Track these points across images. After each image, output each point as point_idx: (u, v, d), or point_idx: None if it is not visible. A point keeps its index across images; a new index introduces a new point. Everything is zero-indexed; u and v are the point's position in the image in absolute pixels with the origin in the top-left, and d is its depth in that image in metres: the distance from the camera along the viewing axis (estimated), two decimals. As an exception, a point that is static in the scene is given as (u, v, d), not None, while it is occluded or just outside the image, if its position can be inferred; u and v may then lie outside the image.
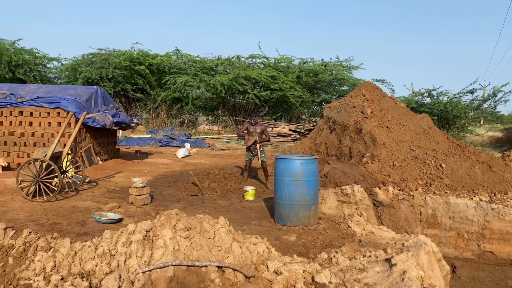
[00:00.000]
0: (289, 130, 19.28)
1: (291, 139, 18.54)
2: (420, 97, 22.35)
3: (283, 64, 23.84)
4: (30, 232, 3.92)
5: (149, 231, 3.84)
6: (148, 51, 22.98)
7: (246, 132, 8.61)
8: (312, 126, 18.92)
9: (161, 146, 17.06)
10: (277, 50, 44.68)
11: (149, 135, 19.14)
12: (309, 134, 16.45)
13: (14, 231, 3.96)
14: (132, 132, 18.56)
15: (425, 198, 7.69)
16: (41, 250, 3.67)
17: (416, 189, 7.91)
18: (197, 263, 3.64)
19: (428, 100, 22.15)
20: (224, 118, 25.58)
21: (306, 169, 5.56)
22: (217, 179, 8.85)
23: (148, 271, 3.50)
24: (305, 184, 5.56)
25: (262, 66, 23.77)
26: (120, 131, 15.67)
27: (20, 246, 3.76)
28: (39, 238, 3.85)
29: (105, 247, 3.67)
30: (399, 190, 7.96)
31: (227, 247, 3.96)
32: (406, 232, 7.30)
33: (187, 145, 14.76)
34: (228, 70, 22.96)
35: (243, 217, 6.22)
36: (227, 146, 17.62)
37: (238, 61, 23.53)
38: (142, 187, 6.90)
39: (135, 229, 3.84)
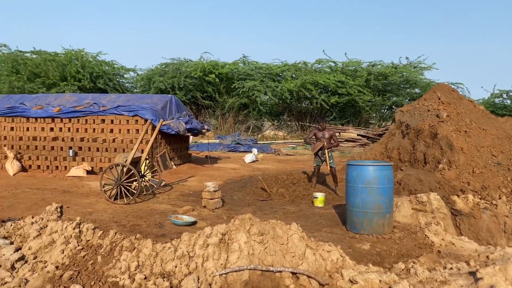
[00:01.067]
0: (357, 135, 18.83)
1: (359, 145, 18.08)
2: (499, 99, 20.74)
3: (351, 68, 23.38)
4: (115, 233, 4.20)
5: (224, 234, 3.94)
6: (217, 60, 23.74)
7: (314, 138, 8.54)
8: (382, 131, 18.32)
9: (229, 151, 17.48)
10: (345, 54, 43.79)
11: (217, 141, 19.71)
12: (378, 139, 15.94)
13: (101, 231, 4.26)
14: (201, 138, 19.21)
15: (510, 207, 7.11)
16: (126, 250, 3.92)
17: (500, 198, 7.34)
18: (271, 268, 3.67)
19: (508, 102, 20.49)
20: (289, 123, 25.61)
21: (380, 175, 5.39)
22: (285, 185, 8.87)
23: (224, 274, 3.59)
24: (379, 191, 5.39)
25: (329, 70, 23.48)
26: (191, 137, 16.30)
27: (107, 246, 4.04)
28: (123, 238, 4.11)
29: (184, 249, 3.83)
30: (480, 198, 7.44)
31: (301, 254, 3.95)
32: (489, 244, 6.79)
33: (254, 150, 14.96)
34: (294, 76, 22.98)
35: (313, 223, 6.17)
36: (293, 151, 17.60)
37: (304, 67, 23.47)
38: (214, 191, 7.11)
39: (211, 232, 3.96)
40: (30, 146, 10.79)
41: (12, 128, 11.12)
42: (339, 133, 18.82)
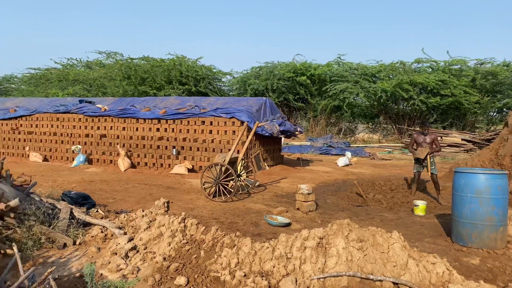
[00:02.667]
0: (462, 139, 17.39)
1: (464, 150, 16.69)
2: None
3: (455, 66, 21.68)
4: (217, 229, 4.40)
5: (322, 238, 3.91)
6: (311, 61, 23.66)
7: (415, 143, 8.08)
8: (490, 136, 16.71)
9: (321, 154, 17.30)
10: (448, 52, 40.73)
11: (308, 143, 19.62)
12: (487, 144, 14.55)
13: (204, 227, 4.50)
14: (293, 140, 19.30)
15: None
16: (227, 247, 4.09)
17: None
18: (371, 277, 3.56)
19: None
20: (385, 126, 24.56)
21: (492, 185, 4.92)
22: (382, 191, 8.53)
23: (322, 278, 3.57)
24: (491, 202, 4.92)
25: (430, 70, 22.04)
26: (283, 138, 16.46)
27: (209, 241, 4.26)
28: (224, 235, 4.29)
29: (282, 250, 3.88)
30: None
31: (403, 264, 3.76)
32: None
33: (348, 153, 14.62)
34: (391, 76, 21.99)
35: (414, 233, 5.84)
36: (389, 155, 16.84)
37: (402, 66, 22.33)
38: (308, 194, 7.10)
39: (308, 235, 3.96)
40: (139, 145, 11.79)
41: (124, 128, 12.26)
42: (441, 137, 17.57)
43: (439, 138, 17.35)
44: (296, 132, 11.92)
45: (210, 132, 11.19)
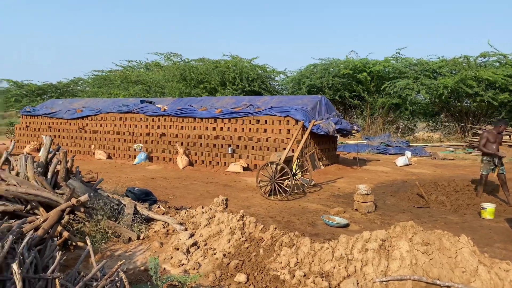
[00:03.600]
0: (534, 138, 16.15)
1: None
2: None
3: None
4: (275, 228, 4.41)
5: (384, 240, 3.79)
6: (367, 56, 23.02)
7: (488, 143, 7.61)
8: None
9: (378, 153, 16.80)
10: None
11: (365, 142, 19.13)
12: None
13: (262, 225, 4.53)
14: (348, 139, 18.90)
15: None
16: (286, 246, 4.08)
17: None
18: (438, 282, 3.39)
19: None
20: (447, 124, 23.37)
21: None
22: (446, 192, 8.13)
23: (385, 281, 3.45)
24: None
25: (497, 64, 20.65)
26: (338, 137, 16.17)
27: (268, 240, 4.27)
28: (283, 234, 4.29)
29: (342, 251, 3.80)
30: None
31: (472, 270, 3.55)
32: None
33: (408, 153, 14.07)
34: (453, 72, 20.87)
35: (482, 237, 5.51)
36: (452, 155, 16.00)
37: (466, 61, 21.12)
38: (367, 194, 6.91)
39: (370, 237, 3.85)
40: (196, 143, 12.10)
41: (182, 127, 12.64)
42: (510, 136, 16.44)
43: (506, 137, 16.26)
44: (353, 131, 11.66)
45: (265, 130, 11.24)
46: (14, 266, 2.26)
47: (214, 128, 12.05)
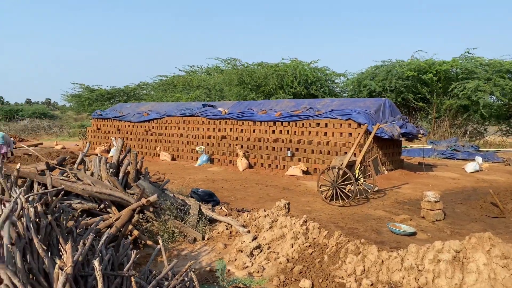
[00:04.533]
0: None
1: None
2: None
3: None
4: (340, 235, 4.32)
5: (458, 252, 3.58)
6: (433, 56, 21.94)
7: None
8: None
9: (444, 158, 15.94)
10: None
11: (430, 146, 18.23)
12: None
13: (326, 231, 4.45)
14: (412, 143, 18.13)
15: None
16: (351, 253, 3.98)
17: None
18: (521, 300, 3.14)
19: None
20: (523, 128, 21.66)
21: None
22: (524, 201, 7.52)
23: (460, 296, 3.26)
24: None
25: None
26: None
27: (332, 246, 4.19)
28: (348, 241, 4.19)
29: (412, 261, 3.64)
30: None
31: (561, 289, 3.25)
32: None
33: (479, 158, 13.21)
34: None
35: None
36: (529, 161, 14.78)
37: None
38: (435, 201, 6.58)
39: (442, 248, 3.65)
40: (256, 146, 12.20)
41: (242, 130, 12.81)
42: None
43: None
44: (419, 135, 11.15)
45: (325, 134, 11.09)
46: (96, 263, 2.40)
47: (273, 131, 12.09)
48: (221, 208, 6.70)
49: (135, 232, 4.98)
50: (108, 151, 15.87)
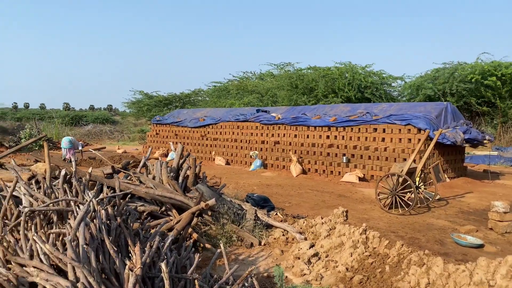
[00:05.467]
0: None
1: None
2: None
3: None
4: (402, 245, 4.17)
5: (536, 268, 3.33)
6: (502, 59, 20.61)
7: None
8: None
9: (512, 165, 14.93)
10: None
11: (496, 153, 17.13)
12: None
13: (387, 241, 4.32)
14: (476, 149, 17.14)
15: None
16: (414, 265, 3.82)
17: None
18: None
19: None
20: None
21: None
22: None
23: (538, 316, 3.02)
24: None
25: None
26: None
27: (394, 256, 4.05)
28: (411, 252, 4.03)
29: (482, 276, 3.43)
30: None
31: None
32: None
33: (552, 166, 12.23)
34: None
35: None
36: None
37: None
38: (504, 212, 6.17)
39: (517, 263, 3.41)
40: (309, 152, 12.11)
41: (295, 135, 12.77)
42: None
43: None
44: (485, 141, 10.52)
45: (383, 140, 10.77)
46: (163, 266, 2.49)
47: (328, 137, 11.94)
48: (276, 214, 6.71)
49: (194, 235, 5.10)
50: (166, 155, 16.45)
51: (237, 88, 29.56)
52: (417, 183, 7.86)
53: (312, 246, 4.78)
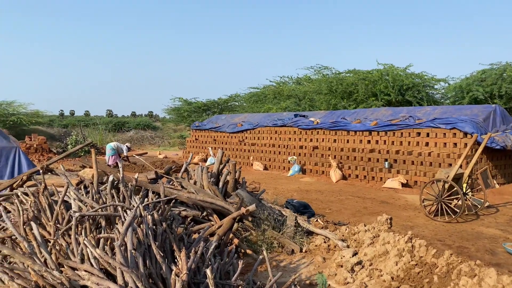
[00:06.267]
0: None
1: None
2: None
3: None
4: (451, 254, 4.00)
5: None
6: None
7: None
8: None
9: None
10: None
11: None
12: None
13: (435, 250, 4.15)
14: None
15: None
16: (465, 276, 3.66)
17: None
18: None
19: None
20: None
21: None
22: None
23: None
24: None
25: None
26: None
27: (443, 266, 3.90)
28: (461, 262, 3.86)
29: (541, 290, 3.23)
30: None
31: None
32: None
33: None
34: None
35: None
36: None
37: None
38: (562, 222, 5.80)
39: None
40: (350, 157, 11.91)
41: (335, 140, 12.60)
42: None
43: None
44: (537, 145, 9.95)
45: (427, 144, 10.43)
46: (208, 272, 2.51)
47: (369, 141, 11.70)
48: (317, 220, 6.63)
49: (235, 241, 5.12)
50: (205, 160, 16.68)
51: (274, 93, 29.58)
52: (464, 190, 7.53)
53: (355, 254, 4.67)
